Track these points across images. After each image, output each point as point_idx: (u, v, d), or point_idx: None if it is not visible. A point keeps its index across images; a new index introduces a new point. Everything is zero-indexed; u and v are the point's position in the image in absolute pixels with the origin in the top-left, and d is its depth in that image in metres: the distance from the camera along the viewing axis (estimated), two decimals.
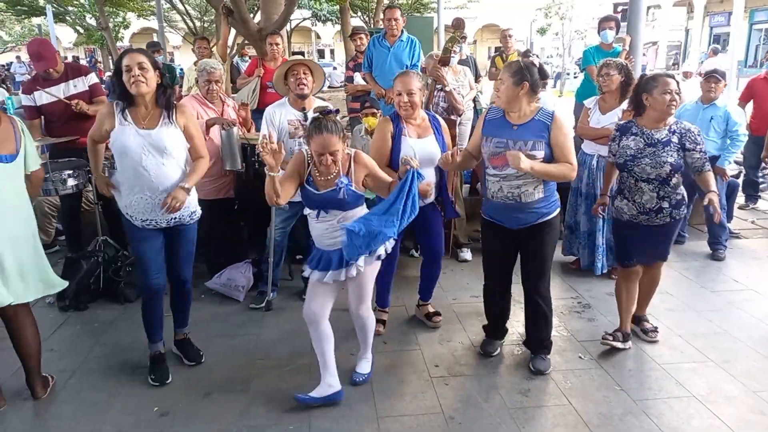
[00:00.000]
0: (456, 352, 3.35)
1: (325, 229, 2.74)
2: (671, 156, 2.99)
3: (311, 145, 2.63)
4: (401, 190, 2.55)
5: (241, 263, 4.23)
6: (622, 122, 3.39)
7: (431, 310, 3.74)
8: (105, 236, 4.29)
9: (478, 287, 4.10)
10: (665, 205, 3.08)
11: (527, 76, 2.79)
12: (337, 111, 2.82)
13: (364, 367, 3.09)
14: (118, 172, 2.88)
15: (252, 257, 4.36)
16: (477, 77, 6.25)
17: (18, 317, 2.84)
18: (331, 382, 2.83)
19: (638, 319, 3.50)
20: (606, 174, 3.56)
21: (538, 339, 3.19)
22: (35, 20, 24.22)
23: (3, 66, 27.21)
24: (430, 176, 3.20)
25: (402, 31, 5.46)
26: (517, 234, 3.00)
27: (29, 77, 4.78)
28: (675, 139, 3.02)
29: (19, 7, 18.46)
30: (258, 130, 4.25)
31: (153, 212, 2.86)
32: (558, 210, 3.03)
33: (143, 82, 2.72)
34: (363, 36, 6.36)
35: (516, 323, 3.54)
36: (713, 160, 4.41)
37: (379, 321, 3.46)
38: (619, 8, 23.83)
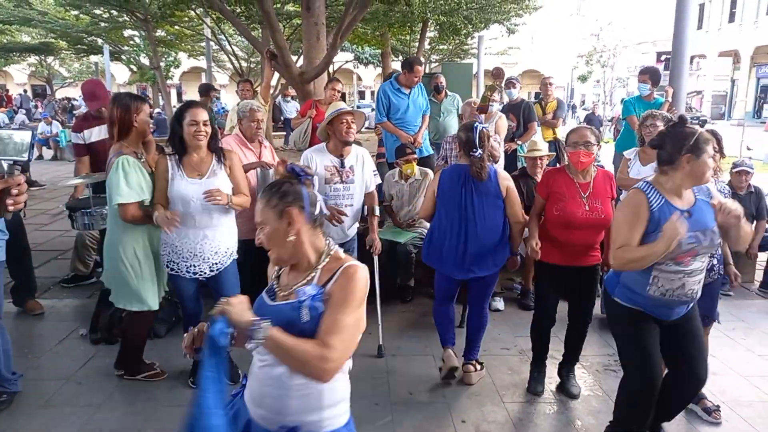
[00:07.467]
0: (484, 407, 3.23)
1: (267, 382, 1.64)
2: None
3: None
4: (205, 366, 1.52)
5: None
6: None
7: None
8: None
9: (509, 339, 4.01)
10: (715, 262, 2.99)
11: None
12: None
13: None
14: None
15: None
16: (530, 121, 6.25)
17: None
18: None
19: (697, 397, 3.12)
20: None
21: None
22: (93, 58, 25.53)
23: (66, 99, 28.77)
24: None
25: None
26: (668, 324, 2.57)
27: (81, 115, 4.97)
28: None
29: (79, 46, 19.61)
30: None
31: (195, 258, 3.10)
32: None
33: (204, 137, 3.02)
34: None
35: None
36: None
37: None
38: (663, 57, 23.67)
